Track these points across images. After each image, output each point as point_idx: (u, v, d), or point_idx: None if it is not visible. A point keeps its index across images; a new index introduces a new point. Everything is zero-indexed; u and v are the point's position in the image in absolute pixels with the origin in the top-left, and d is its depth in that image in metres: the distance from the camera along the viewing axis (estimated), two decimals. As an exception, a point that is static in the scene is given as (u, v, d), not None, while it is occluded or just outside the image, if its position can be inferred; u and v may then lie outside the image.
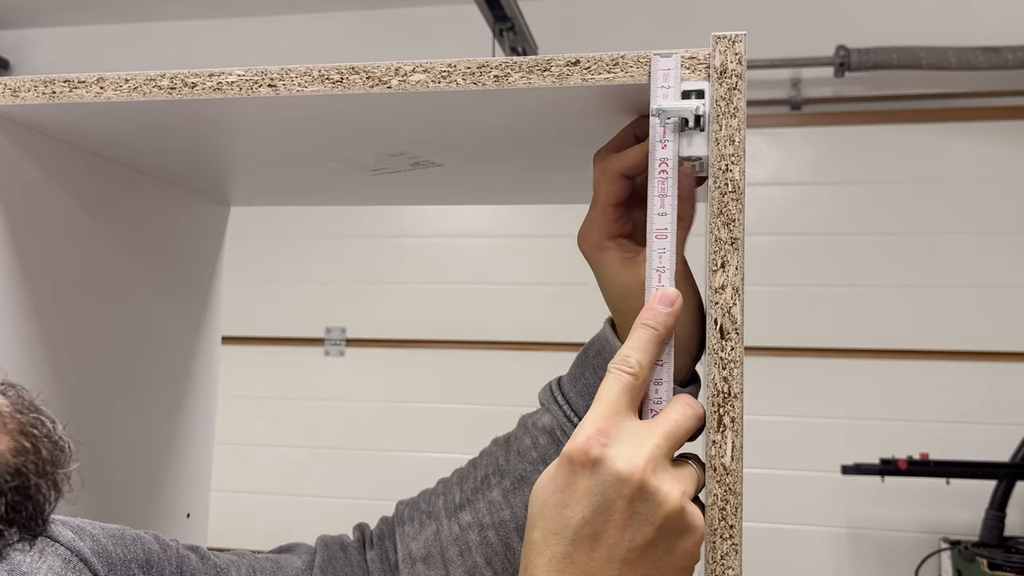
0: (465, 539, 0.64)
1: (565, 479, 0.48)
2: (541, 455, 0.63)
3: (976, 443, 2.84)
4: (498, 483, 0.64)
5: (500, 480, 0.64)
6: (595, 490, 0.46)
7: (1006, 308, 2.92)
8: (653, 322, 0.52)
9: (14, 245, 0.68)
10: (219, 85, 0.60)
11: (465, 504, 0.65)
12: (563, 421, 0.62)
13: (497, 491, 0.64)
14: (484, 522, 0.64)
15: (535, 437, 0.64)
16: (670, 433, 0.49)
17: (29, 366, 0.69)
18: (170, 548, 0.61)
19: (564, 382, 0.65)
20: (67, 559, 0.52)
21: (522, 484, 0.63)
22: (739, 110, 0.52)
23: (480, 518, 0.64)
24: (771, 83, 3.11)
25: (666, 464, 0.48)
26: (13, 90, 0.63)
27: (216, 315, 0.98)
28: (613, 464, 0.46)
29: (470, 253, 3.27)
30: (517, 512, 0.63)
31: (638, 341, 0.51)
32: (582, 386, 0.63)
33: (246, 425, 3.39)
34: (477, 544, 0.64)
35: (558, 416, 0.63)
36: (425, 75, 0.57)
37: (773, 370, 3.03)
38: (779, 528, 3.00)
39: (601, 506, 0.46)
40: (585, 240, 0.61)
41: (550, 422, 0.63)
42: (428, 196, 1.01)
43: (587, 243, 0.61)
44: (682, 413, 0.50)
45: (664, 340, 0.52)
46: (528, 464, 0.63)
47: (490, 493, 0.64)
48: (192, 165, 0.82)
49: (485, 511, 0.64)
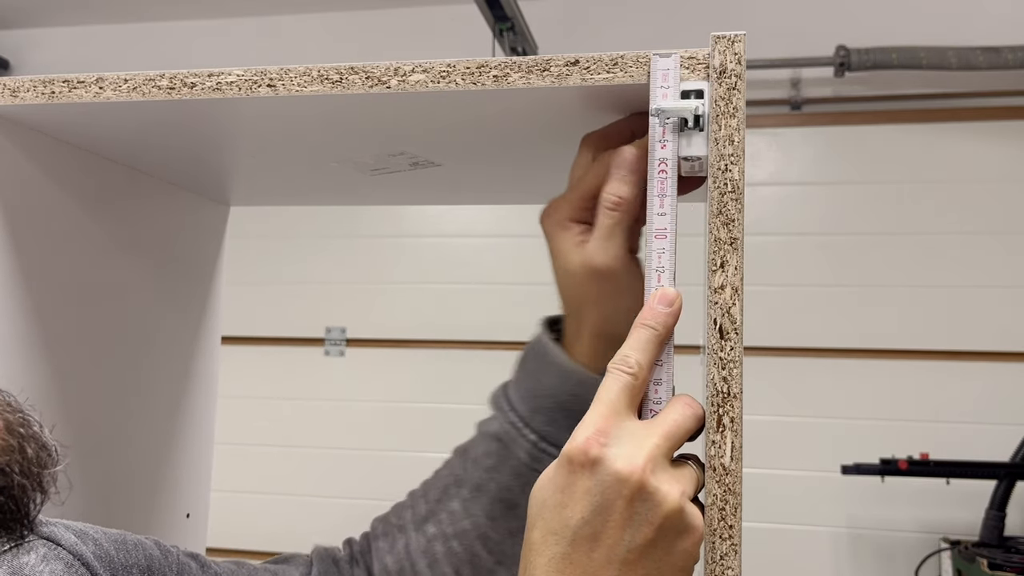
0: (432, 551, 0.65)
1: (564, 479, 0.47)
2: (494, 463, 0.63)
3: (976, 443, 2.84)
4: (457, 493, 0.65)
5: (459, 490, 0.65)
6: (594, 490, 0.46)
7: (1006, 308, 2.92)
8: (652, 322, 0.51)
9: (13, 245, 0.68)
10: (218, 85, 0.60)
11: (429, 516, 0.66)
12: (507, 427, 0.62)
13: (456, 501, 0.64)
14: (447, 532, 0.64)
15: (488, 444, 0.64)
16: (670, 433, 0.49)
17: (28, 366, 0.69)
18: (171, 554, 0.61)
19: (510, 386, 0.65)
20: (69, 563, 0.52)
21: (479, 493, 0.63)
22: (738, 110, 0.52)
23: (443, 529, 0.65)
24: (771, 83, 3.11)
25: (665, 464, 0.48)
26: (12, 90, 0.63)
27: (216, 315, 0.98)
28: (612, 464, 0.46)
29: (470, 253, 3.27)
30: (477, 521, 0.63)
31: (637, 341, 0.51)
32: (524, 390, 0.63)
33: (246, 425, 3.39)
34: (444, 555, 0.64)
35: (503, 422, 0.63)
36: (424, 75, 0.57)
37: (773, 370, 3.03)
38: (779, 528, 3.00)
39: (600, 506, 0.46)
40: (549, 217, 0.61)
41: (498, 428, 0.63)
42: (428, 196, 1.01)
43: (551, 220, 0.61)
44: (681, 413, 0.50)
45: (663, 340, 0.52)
46: (483, 472, 0.63)
47: (450, 503, 0.65)
48: (192, 165, 0.82)
49: (447, 522, 0.64)
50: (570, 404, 0.61)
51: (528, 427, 0.62)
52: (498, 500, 0.63)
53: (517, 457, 0.62)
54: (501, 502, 0.63)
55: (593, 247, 0.57)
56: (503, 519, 0.63)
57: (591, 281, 0.58)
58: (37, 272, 0.70)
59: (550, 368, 0.61)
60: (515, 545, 0.64)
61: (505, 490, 0.63)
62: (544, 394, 0.61)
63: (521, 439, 0.62)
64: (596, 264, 0.57)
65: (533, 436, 0.61)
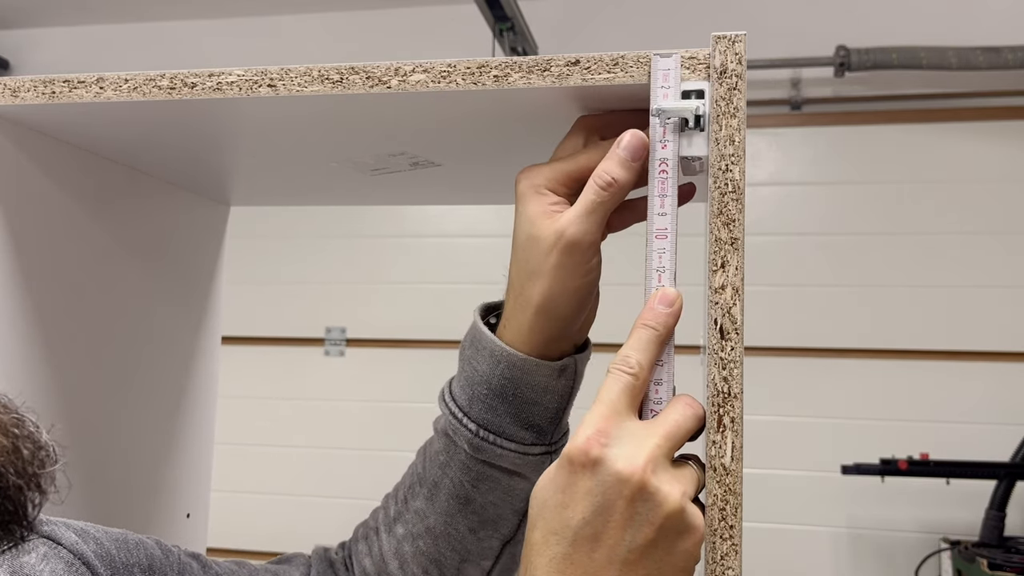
0: (402, 551, 0.65)
1: (565, 480, 0.48)
2: (445, 459, 0.63)
3: (976, 443, 2.84)
4: (420, 491, 0.65)
5: (421, 488, 0.65)
6: (595, 491, 0.46)
7: (1006, 308, 2.92)
8: (653, 322, 0.51)
9: (13, 245, 0.68)
10: (219, 85, 0.60)
11: (398, 517, 0.66)
12: (451, 420, 0.62)
13: (420, 499, 0.65)
14: (414, 532, 0.64)
15: (439, 441, 0.64)
16: (670, 433, 0.49)
17: (28, 366, 0.69)
18: (172, 554, 0.61)
19: (453, 380, 0.64)
20: (70, 562, 0.52)
21: (436, 490, 0.63)
22: (739, 110, 0.52)
23: (411, 528, 0.65)
24: (771, 83, 3.11)
25: (666, 464, 0.48)
26: (13, 90, 0.63)
27: (216, 315, 0.98)
28: (613, 464, 0.46)
29: (470, 253, 3.26)
30: (438, 520, 0.63)
31: (638, 341, 0.51)
32: (463, 380, 0.62)
33: (246, 425, 3.39)
34: (411, 555, 0.65)
35: (447, 416, 0.63)
36: (425, 75, 0.57)
37: (773, 370, 3.03)
38: (779, 528, 3.00)
39: (601, 506, 0.46)
40: (528, 179, 0.59)
41: (444, 423, 0.63)
42: (428, 196, 1.01)
43: (528, 182, 0.59)
44: (682, 413, 0.50)
45: (664, 340, 0.52)
46: (437, 469, 0.63)
47: (415, 502, 0.65)
48: (192, 165, 0.82)
49: (413, 521, 0.65)
50: (504, 389, 0.60)
51: (467, 417, 0.61)
52: (452, 496, 0.63)
53: (463, 450, 0.62)
54: (456, 498, 0.63)
55: (570, 218, 0.56)
56: (461, 515, 0.63)
57: (555, 251, 0.56)
58: (37, 272, 0.70)
59: (482, 354, 0.61)
60: (479, 542, 0.64)
61: (458, 486, 0.62)
62: (479, 381, 0.61)
63: (463, 430, 0.61)
64: (569, 235, 0.56)
65: (472, 426, 0.61)
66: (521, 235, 0.58)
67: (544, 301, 0.58)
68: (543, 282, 0.58)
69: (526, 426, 0.61)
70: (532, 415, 0.61)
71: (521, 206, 0.59)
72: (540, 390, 0.60)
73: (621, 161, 0.55)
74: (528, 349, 0.59)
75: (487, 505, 0.63)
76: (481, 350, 0.61)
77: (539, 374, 0.60)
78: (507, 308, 0.61)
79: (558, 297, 0.58)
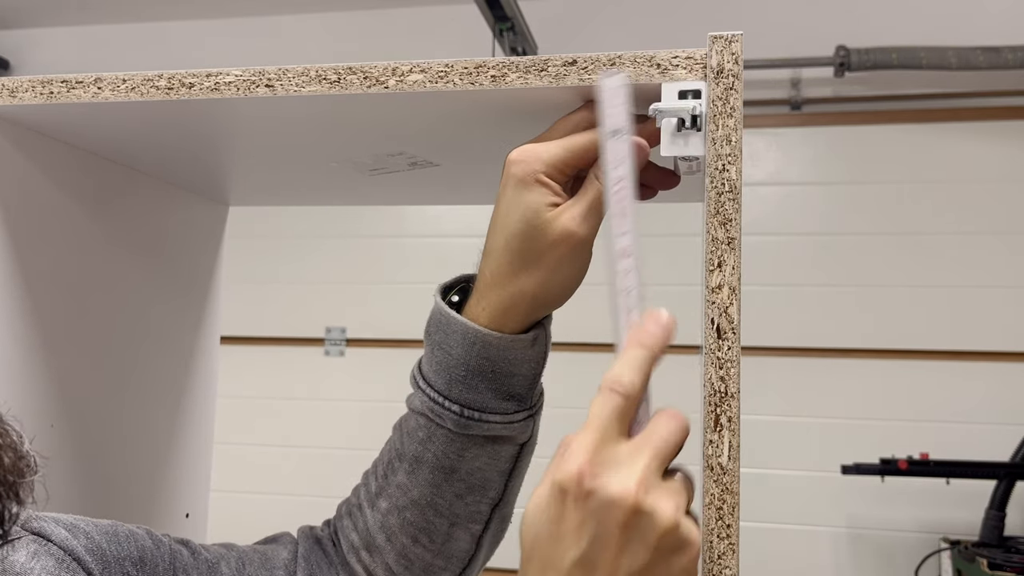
0: (388, 524, 0.66)
1: (557, 511, 0.46)
2: (425, 435, 0.64)
3: (976, 443, 2.84)
4: (400, 466, 0.66)
5: (401, 463, 0.66)
6: (589, 521, 0.45)
7: (1006, 308, 2.91)
8: (649, 343, 0.50)
9: (12, 245, 0.68)
10: (217, 85, 0.60)
11: (380, 492, 0.67)
12: (429, 403, 0.63)
13: (401, 474, 0.66)
14: (399, 505, 0.66)
15: (416, 418, 0.65)
16: (659, 451, 0.48)
17: (27, 366, 0.69)
18: (162, 544, 0.61)
19: (423, 361, 0.66)
20: (60, 559, 0.52)
21: (418, 464, 0.65)
22: (736, 110, 0.52)
23: (394, 502, 0.66)
24: (771, 83, 3.11)
25: (658, 482, 0.47)
26: (11, 90, 0.63)
27: (215, 315, 0.98)
28: (606, 491, 0.45)
29: (470, 253, 3.24)
30: (423, 491, 0.65)
31: (633, 360, 0.49)
32: (436, 364, 0.63)
33: (246, 425, 3.39)
34: (399, 526, 0.66)
35: (424, 399, 0.64)
36: (422, 75, 0.57)
37: (772, 370, 3.03)
38: (779, 528, 2.99)
39: (596, 536, 0.45)
40: (527, 165, 0.57)
41: (420, 404, 0.64)
42: (427, 196, 1.01)
43: (527, 168, 0.57)
44: (668, 428, 0.48)
45: (655, 361, 0.51)
46: (417, 444, 0.65)
47: (396, 477, 0.66)
48: (190, 165, 0.82)
49: (397, 495, 0.66)
50: (483, 367, 0.61)
51: (448, 399, 0.62)
52: (437, 468, 0.64)
53: (446, 427, 0.63)
54: (440, 470, 0.64)
55: (577, 215, 0.56)
56: (447, 484, 0.64)
57: (560, 246, 0.56)
58: (36, 272, 0.70)
59: (453, 337, 0.62)
60: (466, 507, 0.65)
61: (442, 457, 0.64)
62: (454, 364, 0.62)
63: (446, 412, 0.62)
64: (580, 234, 0.56)
65: (456, 407, 0.62)
66: (516, 222, 0.57)
67: (540, 291, 0.59)
68: (541, 274, 0.58)
69: (508, 397, 0.62)
70: (512, 386, 0.62)
71: (518, 193, 0.57)
72: (517, 362, 0.61)
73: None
74: (503, 328, 0.60)
75: (473, 471, 0.64)
76: (451, 334, 0.62)
77: (515, 348, 0.61)
78: (485, 290, 0.61)
79: (552, 287, 0.59)
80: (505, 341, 0.60)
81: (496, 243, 0.59)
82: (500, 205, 0.59)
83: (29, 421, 0.67)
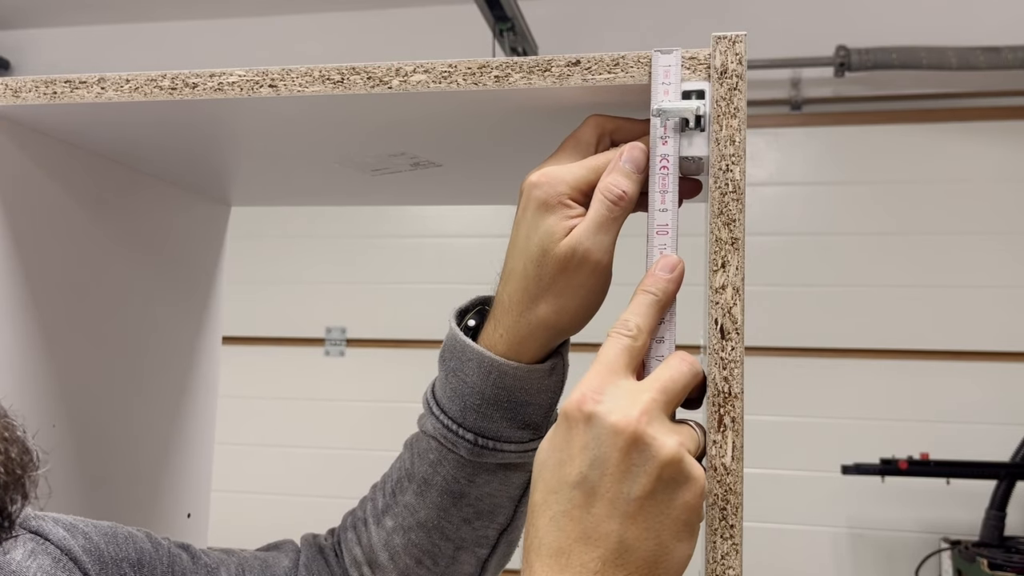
0: (392, 543, 0.65)
1: (561, 438, 0.48)
2: (436, 458, 0.63)
3: (976, 443, 2.84)
4: (409, 486, 0.65)
5: (410, 483, 0.65)
6: (591, 445, 0.46)
7: (1006, 308, 2.92)
8: (654, 288, 0.52)
9: (14, 245, 0.68)
10: (220, 85, 0.60)
11: (386, 510, 0.66)
12: (443, 430, 0.62)
13: (410, 494, 0.64)
14: (405, 525, 0.64)
15: (428, 441, 0.64)
16: (665, 387, 0.48)
17: (29, 366, 0.69)
18: (162, 547, 0.61)
19: (436, 386, 0.64)
20: (57, 558, 0.52)
21: (427, 486, 0.63)
22: (739, 110, 0.52)
23: (401, 521, 0.65)
24: (771, 83, 3.11)
25: (662, 417, 0.48)
26: (14, 90, 0.63)
27: (217, 315, 0.98)
28: (607, 418, 0.46)
29: (470, 253, 3.26)
30: (430, 514, 0.63)
31: (638, 306, 0.51)
32: (450, 390, 0.61)
33: (246, 425, 3.39)
34: (403, 547, 0.64)
35: (437, 424, 0.62)
36: (426, 75, 0.57)
37: (773, 370, 3.03)
38: (779, 528, 3.00)
39: (597, 460, 0.46)
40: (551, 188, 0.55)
41: (432, 429, 0.63)
42: (428, 196, 1.01)
43: (551, 191, 0.55)
44: (677, 368, 0.50)
45: (664, 306, 0.52)
46: (427, 467, 0.63)
47: (404, 496, 0.65)
48: (192, 165, 0.82)
49: (403, 515, 0.65)
50: (498, 397, 0.60)
51: (462, 427, 0.61)
52: (446, 492, 0.63)
53: (458, 454, 0.62)
54: (449, 494, 0.63)
55: (585, 235, 0.54)
56: (455, 508, 0.63)
57: (573, 269, 0.55)
58: (38, 272, 0.70)
59: (468, 365, 0.60)
60: (473, 530, 0.64)
61: (452, 482, 0.62)
62: (469, 392, 0.60)
63: (459, 440, 0.61)
64: (594, 255, 0.54)
65: (470, 435, 0.61)
66: (534, 248, 0.56)
67: (555, 316, 0.57)
68: (557, 300, 0.56)
69: (523, 426, 0.61)
70: (527, 415, 0.61)
71: (539, 216, 0.55)
72: (534, 392, 0.60)
73: (627, 173, 0.54)
74: (520, 357, 0.59)
75: (483, 497, 0.63)
76: (467, 361, 0.60)
77: (532, 378, 0.59)
78: (502, 315, 0.59)
79: (569, 311, 0.57)
80: (522, 371, 0.59)
81: (515, 266, 0.57)
82: (520, 228, 0.57)
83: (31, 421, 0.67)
